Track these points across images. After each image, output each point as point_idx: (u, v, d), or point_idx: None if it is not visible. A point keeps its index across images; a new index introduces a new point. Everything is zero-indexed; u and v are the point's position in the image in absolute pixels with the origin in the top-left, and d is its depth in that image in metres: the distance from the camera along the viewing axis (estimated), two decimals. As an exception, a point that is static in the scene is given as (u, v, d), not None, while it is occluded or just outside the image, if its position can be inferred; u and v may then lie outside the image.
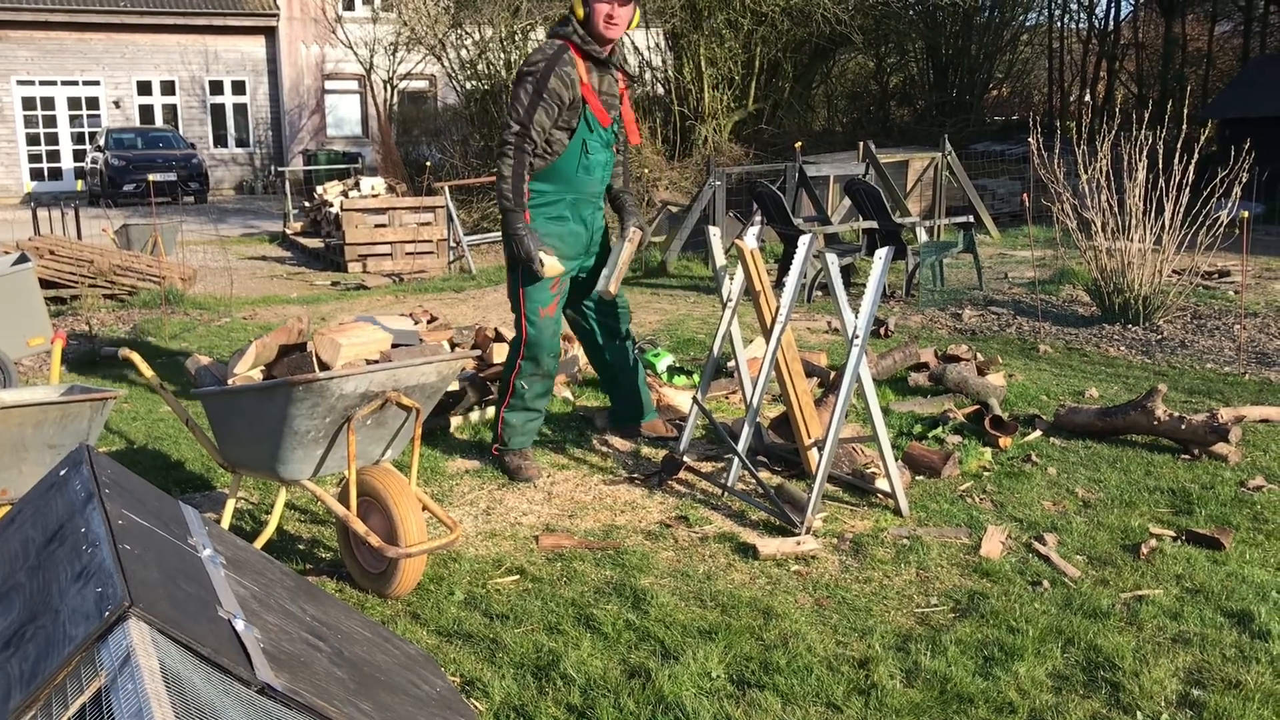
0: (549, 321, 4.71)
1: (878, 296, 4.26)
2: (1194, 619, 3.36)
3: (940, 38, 23.61)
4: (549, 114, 4.48)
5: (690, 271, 11.77)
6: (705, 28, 17.52)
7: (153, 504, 2.49)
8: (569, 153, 4.57)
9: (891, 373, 6.35)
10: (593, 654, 3.16)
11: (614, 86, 4.69)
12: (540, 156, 4.57)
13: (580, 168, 4.62)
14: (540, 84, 4.45)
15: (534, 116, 4.46)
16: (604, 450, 5.19)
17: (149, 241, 12.07)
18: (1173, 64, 23.75)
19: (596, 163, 4.66)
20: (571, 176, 4.62)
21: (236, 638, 2.00)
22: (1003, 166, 16.70)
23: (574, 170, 4.61)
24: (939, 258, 9.91)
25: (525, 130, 4.47)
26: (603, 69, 4.62)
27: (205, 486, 4.76)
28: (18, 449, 3.46)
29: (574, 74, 4.49)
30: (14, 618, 2.01)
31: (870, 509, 4.37)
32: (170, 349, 7.75)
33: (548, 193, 4.64)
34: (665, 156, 17.48)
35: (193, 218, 18.14)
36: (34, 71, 25.54)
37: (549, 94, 4.45)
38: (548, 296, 4.68)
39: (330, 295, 11.02)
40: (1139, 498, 4.45)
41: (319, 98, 27.63)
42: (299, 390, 3.27)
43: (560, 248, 4.67)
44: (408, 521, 3.47)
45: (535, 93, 4.46)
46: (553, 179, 4.62)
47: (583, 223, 4.75)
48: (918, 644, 3.21)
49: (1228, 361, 6.88)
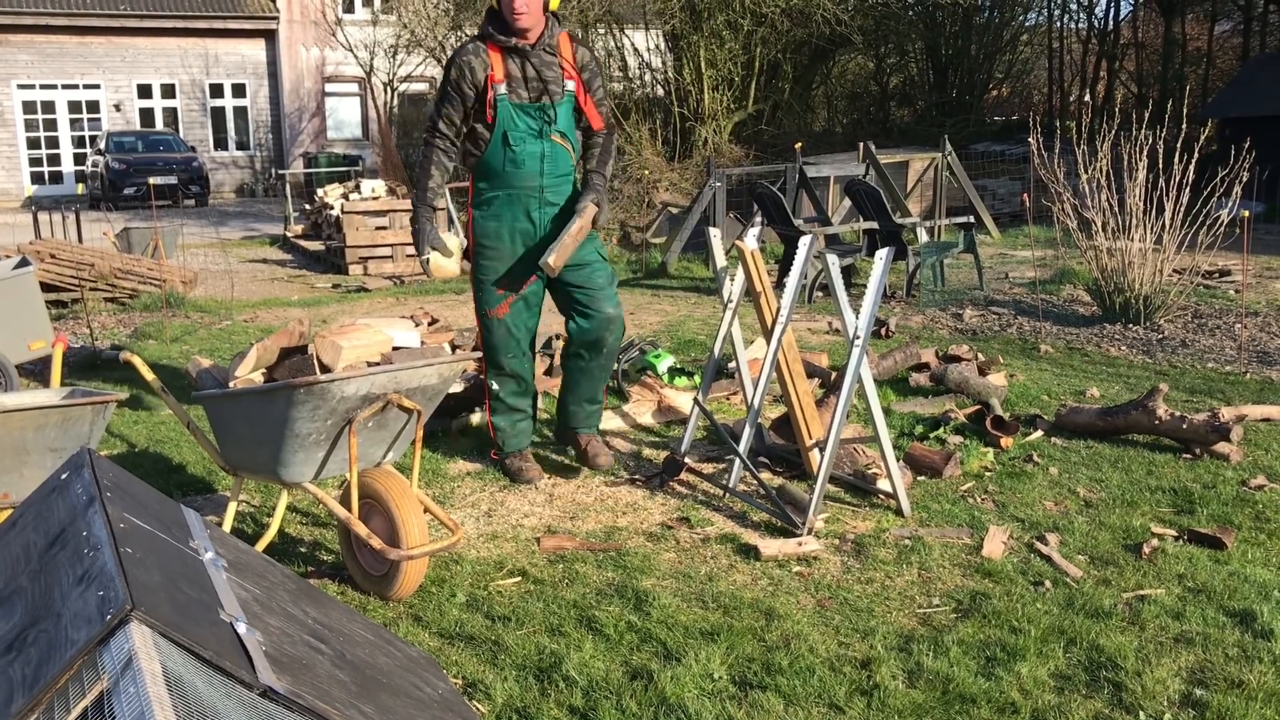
0: (499, 323, 4.64)
1: (878, 297, 4.26)
2: (1196, 619, 3.36)
3: (940, 38, 23.62)
4: (455, 107, 4.47)
5: (691, 273, 11.77)
6: (705, 29, 17.53)
7: (154, 507, 2.49)
8: (491, 146, 4.50)
9: (893, 373, 6.35)
10: (595, 656, 3.16)
11: (550, 72, 4.48)
12: (470, 153, 4.57)
13: (507, 161, 4.49)
14: (444, 78, 4.53)
15: (441, 111, 4.50)
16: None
17: (150, 245, 12.08)
18: (1172, 63, 23.76)
19: (527, 154, 4.49)
20: (500, 171, 4.52)
21: (238, 640, 2.00)
22: (1003, 167, 16.71)
23: (501, 165, 4.51)
24: (940, 258, 9.91)
25: (434, 125, 4.52)
26: (525, 56, 4.44)
27: (207, 489, 4.76)
28: (19, 452, 3.46)
29: (475, 64, 4.41)
30: (16, 621, 2.01)
31: (872, 510, 4.36)
32: (171, 352, 7.76)
33: (482, 189, 4.60)
34: (665, 158, 17.49)
35: (193, 221, 18.14)
36: (34, 75, 25.56)
37: (452, 86, 4.46)
38: (495, 298, 4.62)
39: (331, 298, 11.03)
40: (1141, 497, 4.45)
41: (319, 100, 27.64)
42: (300, 393, 3.27)
43: (502, 247, 4.60)
44: (409, 524, 3.47)
45: (441, 86, 4.54)
46: (485, 175, 4.57)
47: (528, 219, 4.58)
48: (920, 644, 3.21)
49: (1229, 361, 6.88)
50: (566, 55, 4.52)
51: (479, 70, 4.42)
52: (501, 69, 4.43)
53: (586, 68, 4.58)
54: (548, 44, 4.46)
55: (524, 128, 4.47)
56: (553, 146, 4.53)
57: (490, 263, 4.62)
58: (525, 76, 4.46)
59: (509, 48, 4.42)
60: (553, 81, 4.48)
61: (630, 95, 18.34)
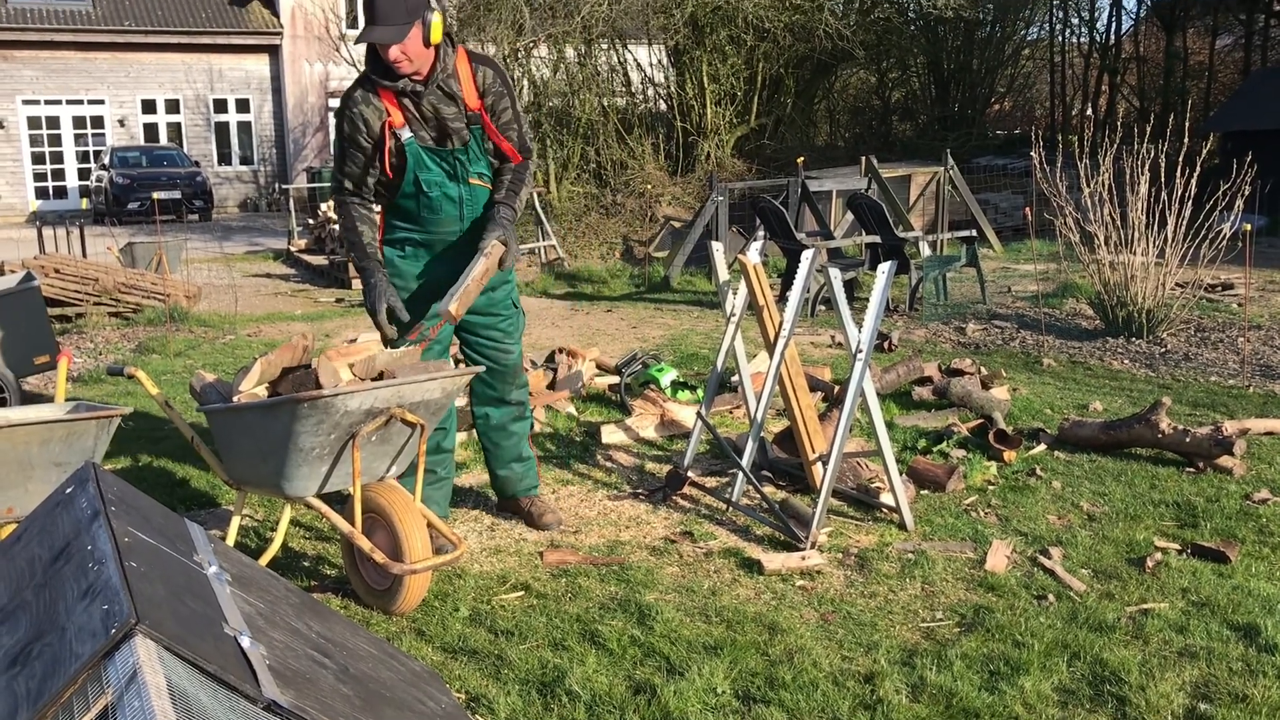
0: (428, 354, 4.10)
1: (881, 311, 4.27)
2: (1200, 632, 3.36)
3: (942, 52, 23.66)
4: (355, 162, 3.96)
5: (693, 286, 11.78)
6: (708, 44, 17.58)
7: (158, 521, 2.49)
8: (403, 192, 4.01)
9: (895, 387, 6.35)
10: (598, 670, 3.16)
11: (448, 109, 3.95)
12: (379, 195, 4.09)
13: (423, 208, 4.03)
14: (338, 133, 4.01)
15: (344, 169, 4.00)
16: (608, 466, 5.19)
17: (153, 259, 12.11)
18: (1174, 77, 23.80)
19: (443, 198, 4.02)
20: (415, 215, 4.06)
21: (242, 654, 2.00)
22: (1005, 180, 16.73)
23: (415, 210, 4.05)
24: (942, 272, 9.92)
25: (340, 184, 4.04)
26: (419, 95, 3.91)
27: (210, 504, 4.76)
28: (24, 467, 3.46)
29: (367, 113, 3.89)
30: (20, 635, 2.02)
31: (875, 524, 4.36)
32: (175, 366, 7.77)
33: (398, 228, 4.13)
34: (668, 172, 17.52)
35: (197, 235, 18.19)
36: (39, 91, 25.66)
37: (347, 140, 3.96)
38: (402, 343, 4.02)
39: (334, 312, 11.05)
40: (1144, 511, 4.45)
41: (323, 115, 27.72)
42: (304, 407, 3.28)
43: (414, 289, 4.13)
44: (412, 538, 3.47)
45: (339, 143, 4.02)
46: (400, 215, 4.10)
47: (445, 264, 4.10)
48: (923, 659, 3.20)
49: (1232, 374, 6.88)
50: (466, 79, 3.99)
51: (373, 120, 3.90)
52: (399, 112, 3.91)
53: (489, 91, 4.02)
54: (442, 79, 3.92)
55: (436, 171, 3.99)
56: (470, 190, 4.07)
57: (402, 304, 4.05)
58: (424, 117, 3.95)
59: (398, 90, 3.90)
60: (453, 120, 3.96)
61: (633, 110, 18.37)
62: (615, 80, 18.46)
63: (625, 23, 17.27)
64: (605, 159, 17.08)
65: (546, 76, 17.26)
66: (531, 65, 17.15)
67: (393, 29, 3.71)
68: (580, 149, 16.99)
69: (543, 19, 16.11)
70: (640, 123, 18.10)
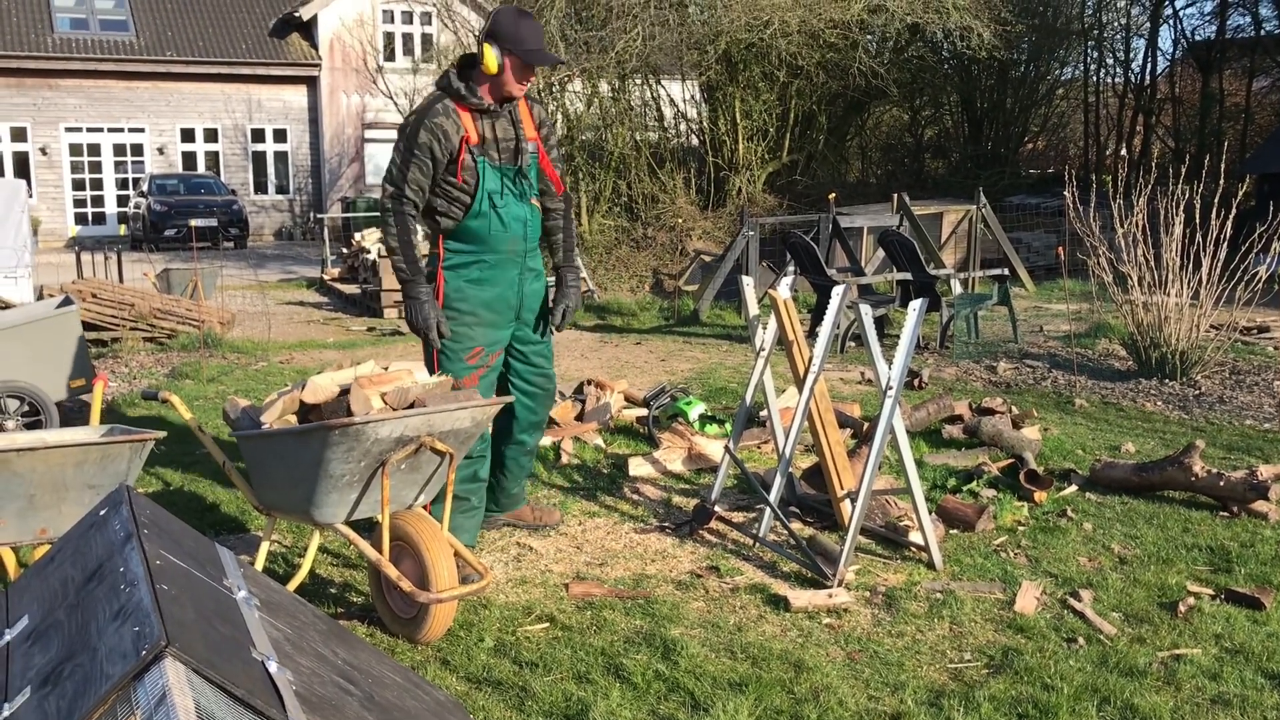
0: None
1: (911, 348, 4.25)
2: (1234, 680, 3.31)
3: (975, 91, 23.69)
4: (423, 171, 4.13)
5: (723, 320, 11.79)
6: (741, 80, 17.68)
7: (190, 545, 2.51)
8: (474, 210, 4.18)
9: (925, 425, 6.31)
10: (622, 704, 3.15)
11: (515, 133, 4.24)
12: (445, 215, 4.24)
13: (493, 226, 4.21)
14: (411, 140, 4.13)
15: (408, 175, 4.13)
16: (635, 498, 5.19)
17: (189, 285, 12.25)
18: (1210, 119, 23.70)
19: (512, 217, 4.23)
20: (485, 235, 4.22)
21: (270, 679, 2.01)
22: (1038, 220, 16.67)
23: (486, 229, 4.21)
24: (974, 310, 9.88)
25: (399, 192, 4.15)
26: (495, 117, 4.20)
27: (240, 529, 4.79)
28: (58, 488, 3.50)
29: (447, 126, 4.10)
30: (52, 655, 2.04)
31: (903, 562, 4.33)
32: (208, 392, 7.84)
33: (459, 251, 4.25)
34: (699, 206, 17.58)
35: (232, 263, 18.39)
36: (82, 119, 26.09)
37: (419, 149, 4.11)
38: (463, 368, 4.24)
39: (366, 340, 11.12)
40: (1176, 555, 4.39)
41: (359, 146, 28.04)
42: (335, 434, 3.30)
43: (482, 314, 4.28)
44: (439, 567, 3.48)
45: (406, 150, 4.14)
46: (466, 238, 4.24)
47: (510, 285, 4.32)
48: (950, 700, 3.17)
49: (1267, 418, 6.80)
50: (524, 112, 4.30)
51: (452, 134, 4.11)
52: (475, 130, 4.15)
53: (544, 124, 4.37)
54: (511, 107, 4.25)
55: (505, 190, 4.22)
56: (532, 210, 4.33)
57: (466, 329, 4.26)
58: (497, 138, 4.20)
59: (481, 109, 4.17)
60: (521, 142, 4.25)
61: (665, 144, 18.48)
62: (648, 115, 18.57)
63: (659, 58, 17.39)
64: (637, 193, 17.16)
65: (580, 110, 17.39)
66: (565, 99, 17.29)
67: (555, 53, 3.89)
68: (612, 183, 17.09)
69: (577, 54, 16.26)
70: (672, 157, 18.19)
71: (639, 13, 15.67)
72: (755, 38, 15.98)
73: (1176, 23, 31.07)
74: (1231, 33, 24.66)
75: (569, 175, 16.68)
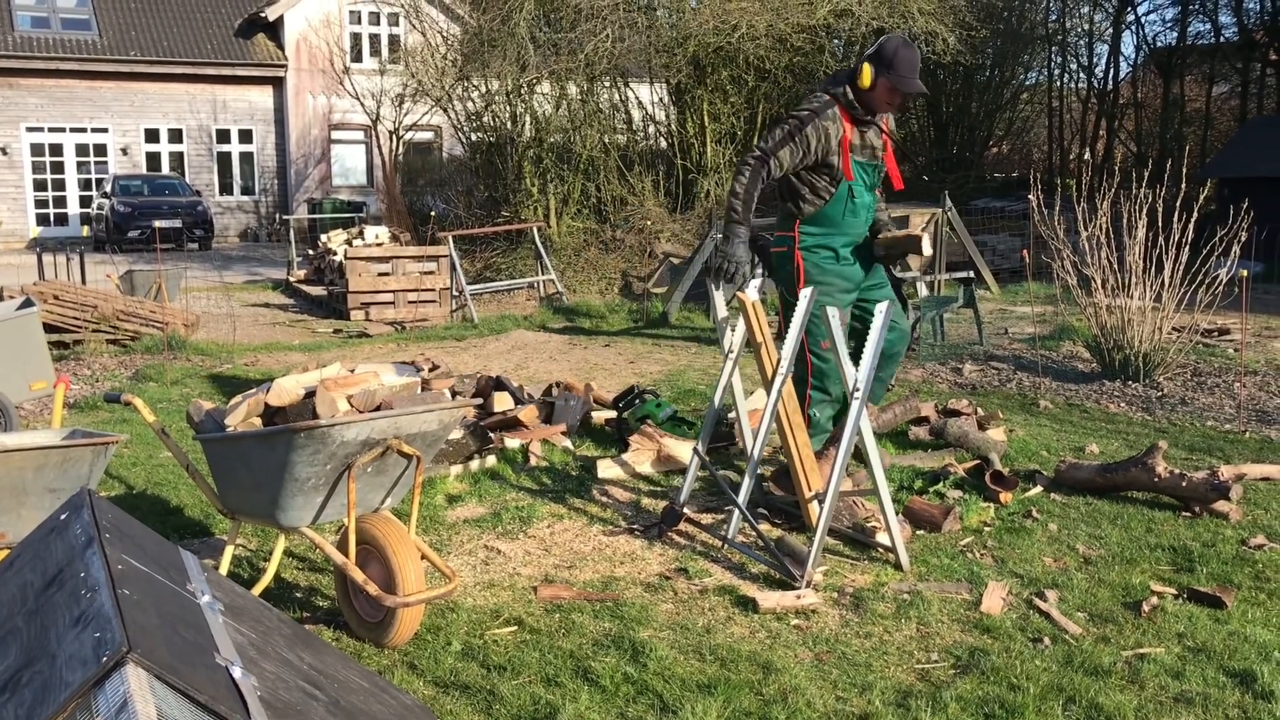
0: (831, 353, 4.75)
1: (878, 351, 4.27)
2: (1196, 678, 3.34)
3: (941, 95, 23.87)
4: (793, 155, 4.85)
5: (692, 323, 11.80)
6: (709, 83, 17.70)
7: (152, 549, 2.48)
8: (836, 199, 4.96)
9: (892, 427, 6.34)
10: (590, 707, 3.14)
11: (877, 140, 5.03)
12: (810, 202, 4.99)
13: (848, 212, 5.00)
14: (797, 129, 4.86)
15: (779, 151, 4.85)
16: (604, 501, 5.18)
17: (153, 287, 12.13)
18: (1171, 123, 24.00)
19: (862, 206, 5.03)
20: (840, 220, 5.00)
21: (234, 685, 1.99)
22: (1003, 223, 16.81)
23: (841, 215, 4.99)
24: (939, 313, 9.94)
25: (766, 158, 4.85)
26: (866, 126, 4.95)
27: (204, 533, 4.74)
28: (18, 492, 3.45)
29: (831, 130, 4.86)
30: (10, 663, 2.00)
31: (871, 563, 4.35)
32: (172, 395, 7.76)
33: (818, 235, 5.02)
34: (667, 209, 17.59)
35: (197, 264, 18.23)
36: (43, 119, 25.76)
37: (800, 138, 4.84)
38: (825, 330, 4.77)
39: (333, 343, 11.05)
40: (1140, 555, 4.44)
41: (325, 147, 27.86)
42: (301, 436, 3.27)
43: (838, 283, 5.01)
44: (406, 570, 3.46)
45: (789, 134, 4.87)
46: (822, 223, 5.01)
47: (856, 262, 5.09)
48: (918, 700, 3.19)
49: (1228, 419, 6.88)
50: (885, 124, 5.09)
51: (834, 136, 4.88)
52: (852, 133, 4.92)
53: (893, 133, 5.15)
54: (878, 117, 5.01)
55: (863, 184, 5.01)
56: (874, 198, 5.15)
57: (827, 297, 4.89)
58: (864, 142, 4.98)
59: (860, 119, 4.91)
60: (879, 145, 5.05)
61: (634, 147, 18.48)
62: (616, 117, 18.56)
63: (627, 61, 17.39)
64: (606, 195, 17.15)
65: (549, 112, 17.36)
66: (534, 101, 17.26)
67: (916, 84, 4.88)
68: (581, 185, 17.07)
69: (546, 56, 16.24)
70: (641, 160, 18.18)
71: (608, 15, 15.67)
72: (723, 41, 16.01)
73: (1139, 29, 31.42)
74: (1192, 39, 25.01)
75: (537, 178, 16.69)
